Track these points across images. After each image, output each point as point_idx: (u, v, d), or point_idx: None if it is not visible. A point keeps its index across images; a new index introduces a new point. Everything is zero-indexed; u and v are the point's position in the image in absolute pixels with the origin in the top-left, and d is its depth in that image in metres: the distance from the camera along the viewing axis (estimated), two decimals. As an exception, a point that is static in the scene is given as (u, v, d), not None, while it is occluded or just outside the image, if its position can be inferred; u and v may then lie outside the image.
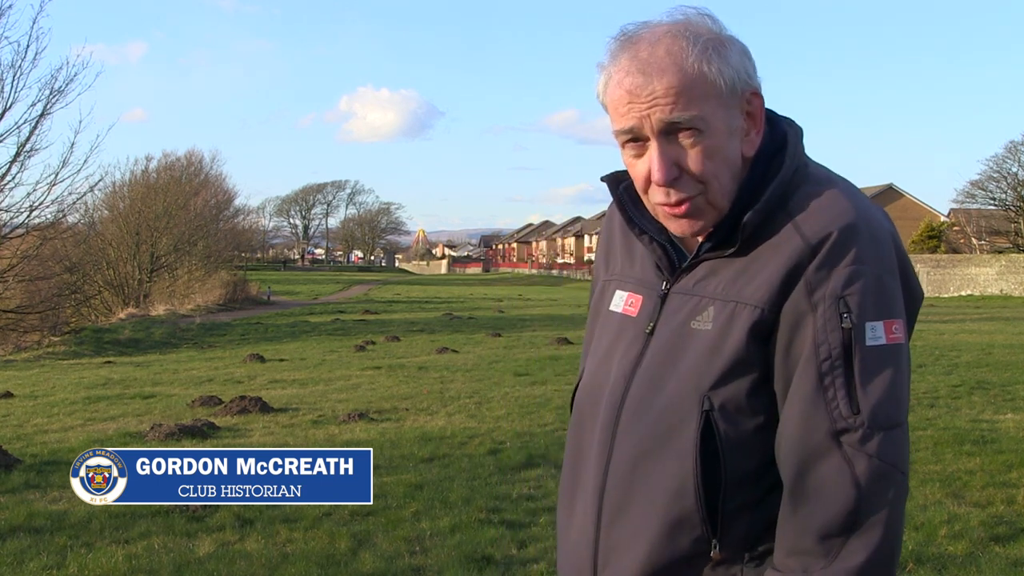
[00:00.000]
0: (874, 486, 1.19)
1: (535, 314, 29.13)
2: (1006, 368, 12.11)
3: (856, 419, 1.20)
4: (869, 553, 1.19)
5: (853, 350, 1.21)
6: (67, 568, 4.50)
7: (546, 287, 64.28)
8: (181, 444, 7.60)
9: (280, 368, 14.34)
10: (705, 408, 1.28)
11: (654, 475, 1.31)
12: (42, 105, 19.32)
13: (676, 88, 1.25)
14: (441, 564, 4.51)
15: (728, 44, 1.29)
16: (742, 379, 1.27)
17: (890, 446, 1.21)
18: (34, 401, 10.98)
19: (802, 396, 1.23)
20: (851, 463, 1.20)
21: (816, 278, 1.23)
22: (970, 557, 4.49)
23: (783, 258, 1.26)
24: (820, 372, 1.22)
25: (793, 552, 1.23)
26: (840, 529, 1.19)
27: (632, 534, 1.33)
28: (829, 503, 1.20)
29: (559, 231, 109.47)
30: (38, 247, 20.99)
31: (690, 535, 1.29)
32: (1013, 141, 48.73)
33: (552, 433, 7.83)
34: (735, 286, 1.30)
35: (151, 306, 31.02)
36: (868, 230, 1.25)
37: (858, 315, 1.22)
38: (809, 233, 1.25)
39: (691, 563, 1.30)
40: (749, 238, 1.30)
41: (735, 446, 1.27)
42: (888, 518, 1.20)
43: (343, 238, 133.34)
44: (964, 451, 6.80)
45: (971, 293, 40.36)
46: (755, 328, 1.27)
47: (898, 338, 1.24)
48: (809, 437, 1.22)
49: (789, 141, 1.34)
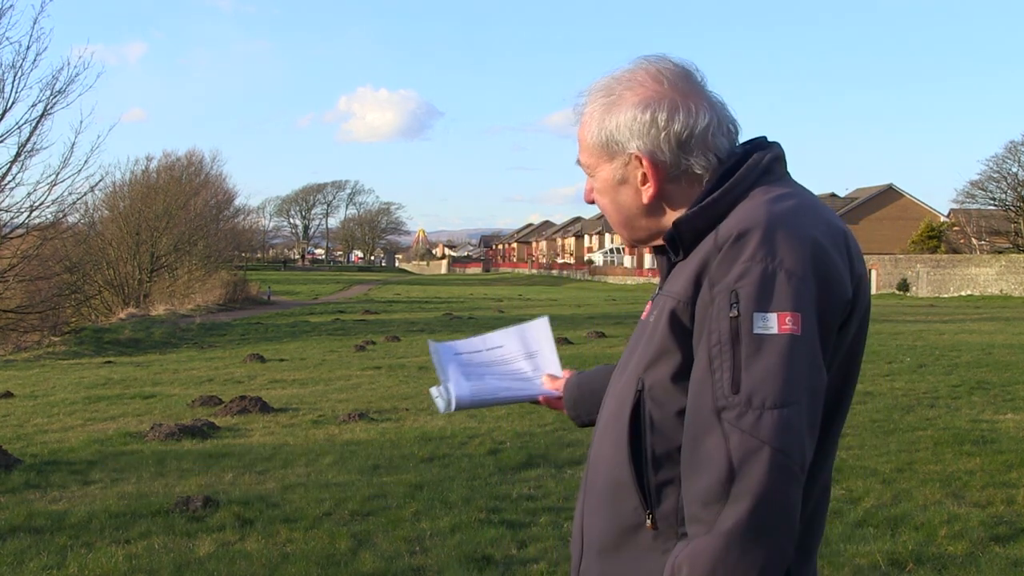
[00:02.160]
0: (745, 459, 1.29)
1: (535, 314, 28.84)
2: (1006, 368, 12.11)
3: (735, 398, 1.32)
4: (736, 520, 1.28)
5: (740, 336, 1.33)
6: (67, 568, 4.50)
7: (546, 287, 64.29)
8: (181, 444, 7.60)
9: (280, 368, 14.34)
10: (638, 388, 1.46)
11: (605, 447, 1.52)
12: (43, 105, 19.35)
13: (579, 135, 1.58)
14: (441, 564, 4.51)
15: (629, 107, 1.52)
16: (665, 364, 1.44)
17: (766, 424, 1.30)
18: (34, 401, 10.98)
19: (696, 377, 1.37)
20: (727, 437, 1.31)
21: (717, 273, 1.38)
22: (970, 557, 4.49)
23: (698, 257, 1.44)
24: (710, 356, 1.35)
25: (689, 519, 1.35)
26: (716, 497, 1.30)
27: (597, 500, 1.53)
28: (710, 473, 1.32)
29: (559, 231, 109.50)
30: (38, 247, 20.99)
31: (630, 503, 1.45)
32: (1013, 141, 48.74)
33: (552, 433, 7.83)
34: (669, 284, 1.50)
35: (151, 306, 31.03)
36: (772, 232, 1.37)
37: (746, 304, 1.34)
38: (720, 236, 1.42)
39: (635, 531, 1.45)
40: (688, 246, 1.49)
41: (657, 425, 1.43)
42: (758, 490, 1.28)
43: (343, 238, 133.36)
44: (964, 451, 6.80)
45: (971, 293, 40.35)
46: (672, 317, 1.44)
47: (791, 329, 1.33)
48: (698, 413, 1.35)
49: (740, 170, 1.50)
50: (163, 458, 7.03)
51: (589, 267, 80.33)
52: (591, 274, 77.32)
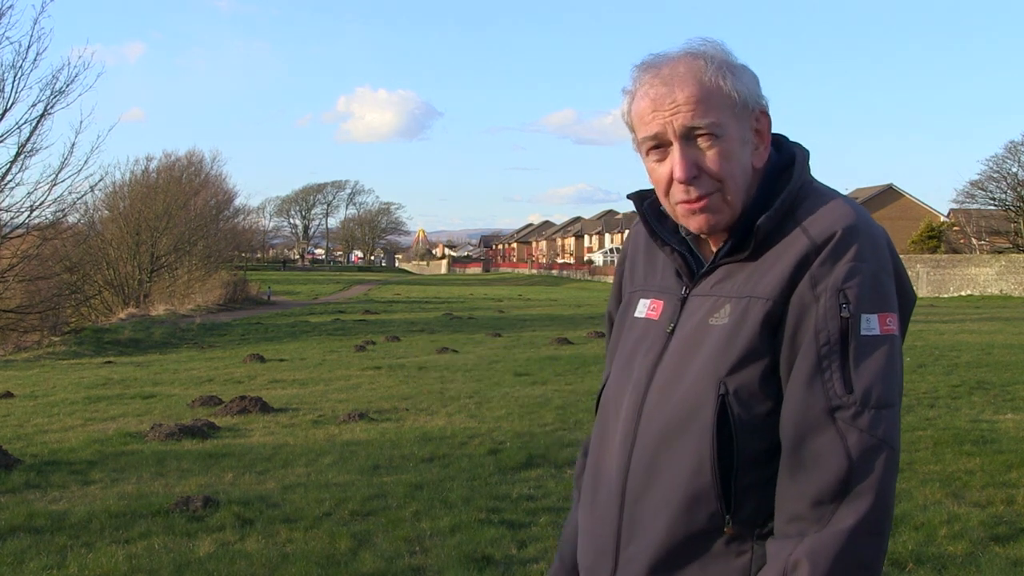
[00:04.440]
0: (864, 457, 1.32)
1: (535, 314, 29.13)
2: (1006, 368, 12.11)
3: (849, 398, 1.33)
4: (859, 518, 1.30)
5: (849, 337, 1.35)
6: (67, 568, 4.50)
7: (546, 287, 64.27)
8: (181, 444, 7.60)
9: (280, 368, 14.34)
10: (721, 392, 1.40)
11: (675, 455, 1.44)
12: (43, 105, 19.30)
13: (696, 97, 1.43)
14: (441, 564, 4.51)
15: (740, 68, 1.48)
16: (754, 366, 1.40)
17: (880, 423, 1.34)
18: (34, 401, 10.98)
19: (802, 377, 1.36)
20: (844, 436, 1.33)
21: (820, 272, 1.37)
22: (970, 557, 4.49)
23: (791, 256, 1.41)
24: (819, 356, 1.35)
25: (791, 519, 1.35)
26: (832, 496, 1.32)
27: (654, 511, 1.45)
28: (823, 472, 1.32)
29: (559, 231, 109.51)
30: (38, 247, 20.97)
31: (706, 510, 1.41)
32: (1013, 141, 48.68)
33: (552, 433, 7.83)
34: (748, 284, 1.45)
35: (151, 306, 31.03)
36: (868, 232, 1.41)
37: (855, 306, 1.35)
38: (815, 233, 1.40)
39: (706, 538, 1.42)
40: (761, 243, 1.45)
41: (747, 428, 1.40)
42: (878, 487, 1.31)
43: (343, 238, 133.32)
44: (964, 451, 6.80)
45: (971, 293, 40.34)
46: (767, 319, 1.40)
47: (891, 330, 1.38)
48: (807, 413, 1.35)
49: (797, 159, 1.51)
50: (163, 458, 7.03)
51: (589, 267, 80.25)
52: (591, 274, 77.27)
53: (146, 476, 6.49)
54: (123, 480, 6.39)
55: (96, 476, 6.52)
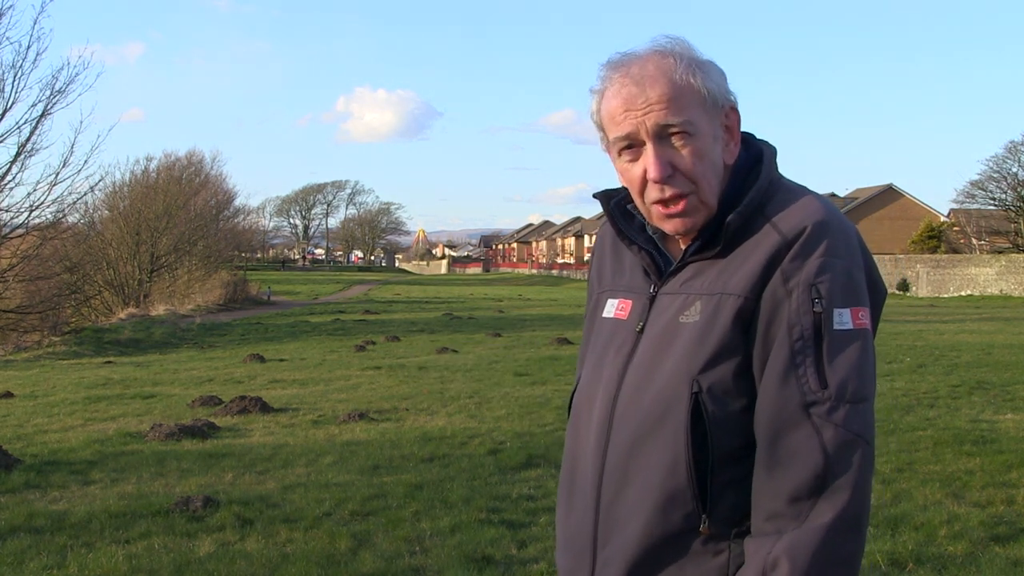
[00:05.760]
0: (840, 452, 1.31)
1: (535, 314, 29.12)
2: (1006, 368, 12.11)
3: (824, 393, 1.33)
4: (837, 512, 1.30)
5: (823, 332, 1.34)
6: (67, 568, 4.50)
7: (546, 287, 64.26)
8: (181, 444, 7.60)
9: (280, 368, 14.34)
10: (694, 390, 1.39)
11: (650, 455, 1.42)
12: (43, 105, 19.31)
13: (668, 95, 1.42)
14: (441, 564, 4.51)
15: (708, 64, 1.47)
16: (727, 363, 1.39)
17: (855, 417, 1.33)
18: (34, 401, 10.98)
19: (776, 373, 1.35)
20: (819, 432, 1.32)
21: (791, 267, 1.37)
22: (970, 557, 4.49)
23: (762, 252, 1.40)
24: (793, 351, 1.35)
25: (768, 516, 1.34)
26: (809, 492, 1.31)
27: (629, 512, 1.44)
28: (799, 468, 1.31)
29: (559, 231, 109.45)
30: (38, 247, 20.98)
31: (682, 510, 1.40)
32: (1013, 141, 48.66)
33: (552, 433, 7.83)
34: (719, 281, 1.43)
35: (151, 306, 31.01)
36: (838, 227, 1.40)
37: (828, 301, 1.35)
38: (785, 229, 1.40)
39: (682, 538, 1.40)
40: (731, 240, 1.44)
41: (722, 426, 1.38)
42: (855, 482, 1.31)
43: (343, 238, 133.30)
44: (964, 451, 6.80)
45: (971, 293, 40.33)
46: (739, 315, 1.39)
47: (864, 324, 1.37)
48: (782, 409, 1.34)
49: (765, 156, 1.50)
50: (163, 458, 7.03)
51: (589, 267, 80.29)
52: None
53: (146, 476, 6.49)
54: (123, 480, 6.39)
55: (96, 476, 6.52)
